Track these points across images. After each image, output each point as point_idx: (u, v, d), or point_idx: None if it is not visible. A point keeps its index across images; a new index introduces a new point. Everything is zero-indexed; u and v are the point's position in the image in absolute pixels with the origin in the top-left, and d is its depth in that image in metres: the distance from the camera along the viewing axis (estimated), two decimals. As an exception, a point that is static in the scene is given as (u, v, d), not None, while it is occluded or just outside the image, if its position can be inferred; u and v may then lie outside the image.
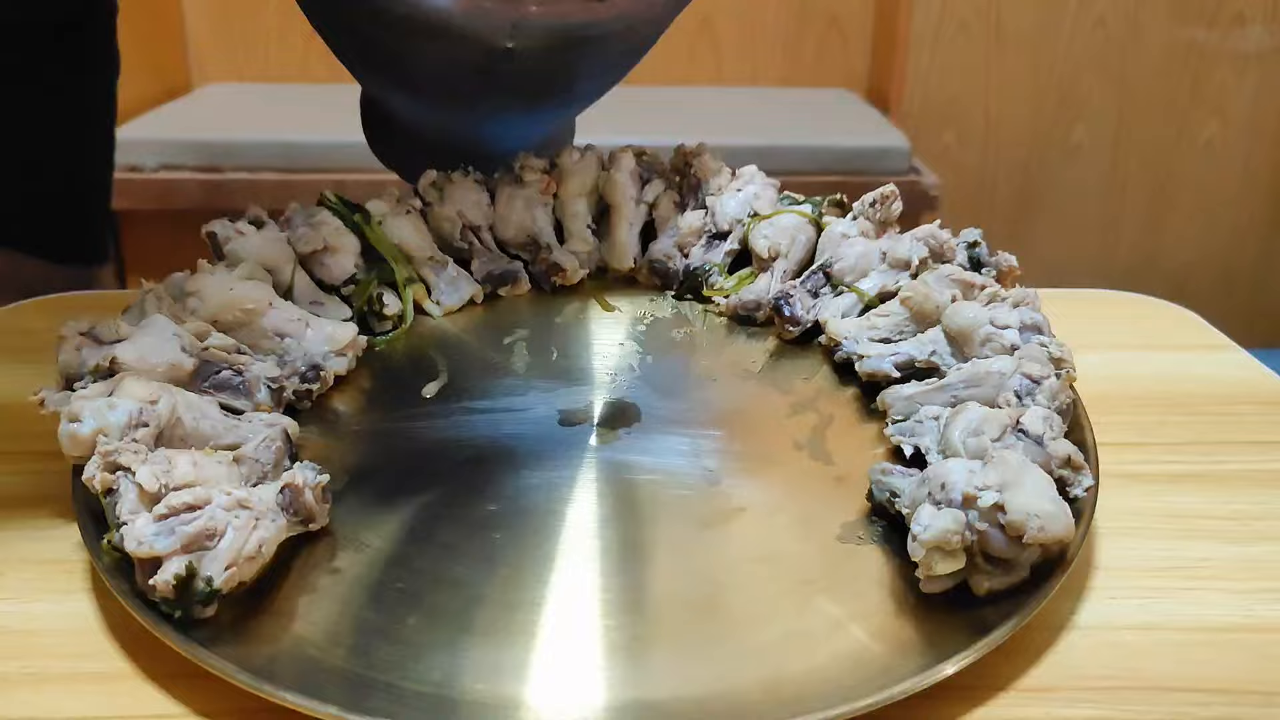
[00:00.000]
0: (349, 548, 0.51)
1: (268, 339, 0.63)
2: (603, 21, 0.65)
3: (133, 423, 0.50)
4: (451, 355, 0.67)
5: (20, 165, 1.00)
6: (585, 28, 0.65)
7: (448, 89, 0.72)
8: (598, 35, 0.66)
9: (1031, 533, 0.44)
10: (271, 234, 0.67)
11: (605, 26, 0.65)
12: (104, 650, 0.46)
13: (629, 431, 0.60)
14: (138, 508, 0.47)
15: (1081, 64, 2.47)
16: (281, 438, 0.54)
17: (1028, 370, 0.55)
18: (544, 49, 0.65)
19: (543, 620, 0.47)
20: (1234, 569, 0.52)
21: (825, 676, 0.43)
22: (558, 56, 0.67)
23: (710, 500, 0.55)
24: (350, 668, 0.44)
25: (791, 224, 0.71)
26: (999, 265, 0.66)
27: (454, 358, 0.67)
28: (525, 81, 0.70)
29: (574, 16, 0.64)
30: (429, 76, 0.71)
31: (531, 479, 0.56)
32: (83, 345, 0.55)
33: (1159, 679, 0.45)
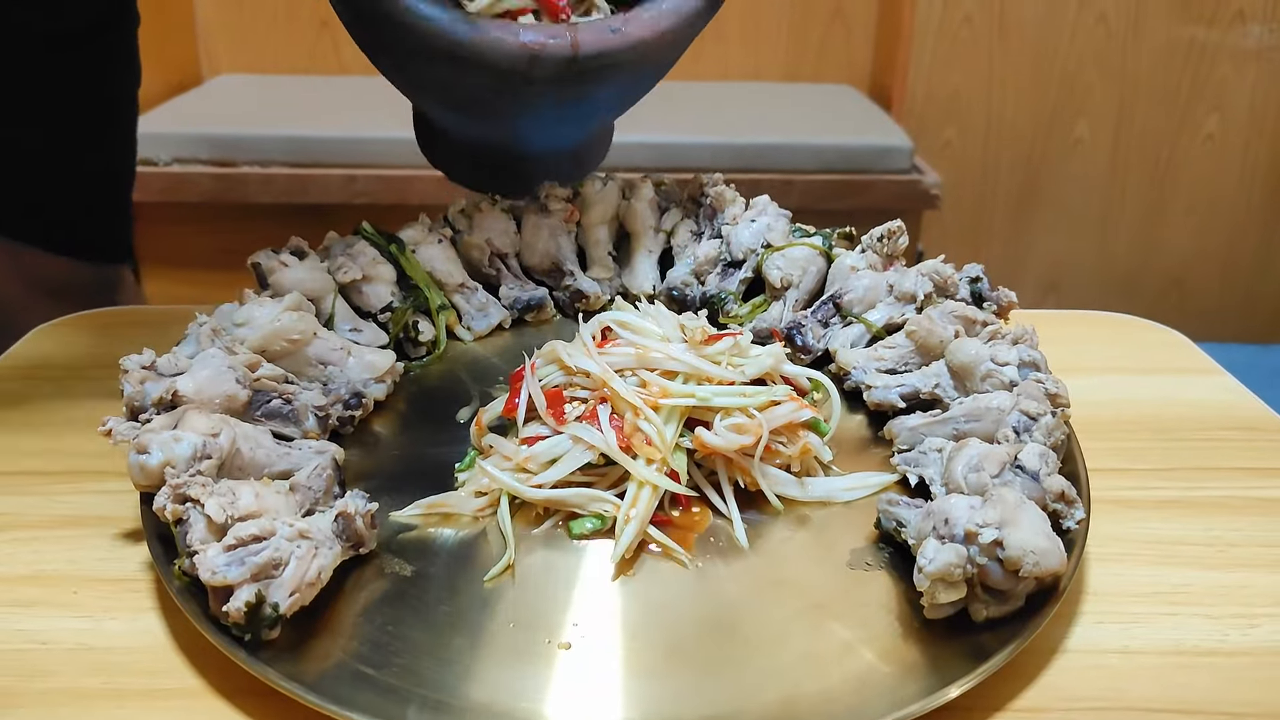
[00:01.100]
0: (394, 569, 0.56)
1: (312, 367, 0.67)
2: (617, 51, 0.68)
3: (197, 455, 0.55)
4: (482, 380, 0.72)
5: (47, 167, 1.03)
6: (600, 58, 0.67)
7: (477, 107, 0.75)
8: (613, 64, 0.69)
9: (1028, 568, 0.49)
10: (313, 264, 0.71)
11: (620, 56, 0.68)
12: (176, 667, 0.51)
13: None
14: (207, 537, 0.51)
15: (1083, 60, 2.50)
16: (331, 465, 0.59)
17: (1025, 408, 0.59)
18: (561, 77, 0.68)
19: (575, 641, 0.51)
20: (1211, 595, 0.56)
21: (837, 697, 0.48)
22: (573, 84, 0.70)
23: (726, 525, 0.59)
24: (403, 685, 0.48)
25: (803, 256, 0.75)
26: (999, 300, 0.70)
27: (484, 382, 0.71)
28: (547, 103, 0.74)
29: (589, 47, 0.67)
30: (460, 96, 0.74)
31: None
32: (145, 379, 0.59)
33: (1140, 700, 0.49)
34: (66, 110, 1.03)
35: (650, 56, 0.71)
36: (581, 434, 0.58)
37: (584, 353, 0.61)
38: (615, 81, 0.73)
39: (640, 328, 0.64)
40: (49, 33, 0.98)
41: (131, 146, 1.15)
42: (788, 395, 0.61)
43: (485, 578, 0.55)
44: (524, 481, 0.58)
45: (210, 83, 2.42)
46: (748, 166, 2.02)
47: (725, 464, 0.59)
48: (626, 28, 0.67)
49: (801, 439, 0.60)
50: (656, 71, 0.77)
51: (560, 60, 0.67)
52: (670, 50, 0.72)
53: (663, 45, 0.70)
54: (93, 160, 1.09)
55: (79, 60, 1.01)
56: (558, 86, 0.70)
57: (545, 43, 0.66)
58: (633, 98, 0.80)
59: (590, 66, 0.68)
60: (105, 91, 1.07)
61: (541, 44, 0.66)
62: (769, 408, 0.60)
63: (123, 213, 1.16)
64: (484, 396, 0.69)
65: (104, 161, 1.11)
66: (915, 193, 2.05)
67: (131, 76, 1.10)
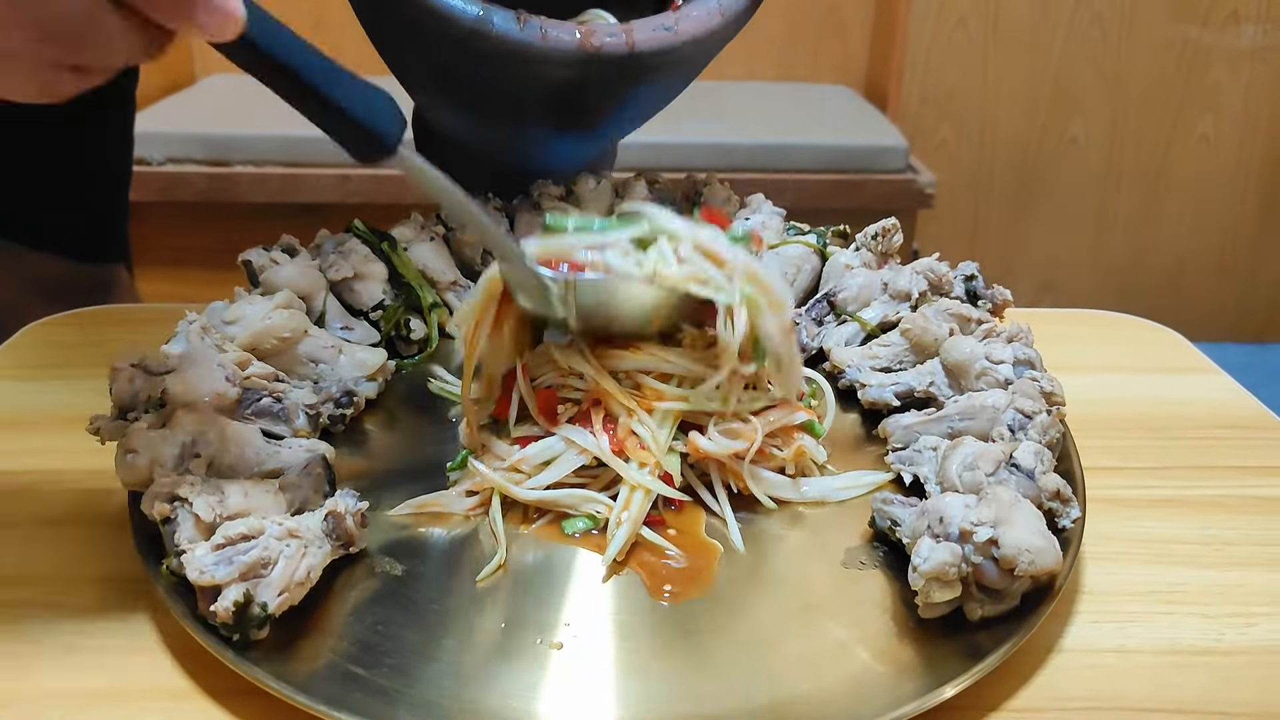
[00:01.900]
0: (385, 569, 0.55)
1: (303, 365, 0.66)
2: (672, 48, 0.68)
3: (185, 454, 0.54)
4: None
5: (42, 167, 1.03)
6: (655, 55, 0.68)
7: (516, 115, 0.75)
8: (665, 63, 0.69)
9: (1023, 566, 0.48)
10: (304, 262, 0.71)
11: (676, 54, 0.69)
12: (165, 668, 0.50)
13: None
14: (195, 536, 0.50)
15: (1078, 60, 2.50)
16: (321, 464, 0.58)
17: (1020, 406, 0.59)
18: (615, 77, 0.69)
19: (567, 641, 0.51)
20: (1206, 594, 0.56)
21: (832, 697, 0.47)
22: (627, 84, 0.71)
23: (719, 524, 0.58)
24: (394, 685, 0.48)
25: (797, 254, 0.74)
26: (994, 299, 0.70)
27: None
28: (587, 108, 0.74)
29: (645, 45, 0.67)
30: (499, 101, 0.74)
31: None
32: (134, 377, 0.59)
33: (1135, 700, 0.49)
34: (62, 109, 1.02)
35: (698, 54, 0.71)
36: (574, 437, 0.58)
37: (579, 356, 0.61)
38: (663, 80, 0.73)
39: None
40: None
41: (128, 145, 1.15)
42: (782, 399, 0.61)
43: (477, 578, 0.54)
44: (516, 482, 0.58)
45: (203, 82, 2.41)
46: (743, 166, 2.02)
47: (718, 467, 0.59)
48: (680, 26, 0.68)
49: (796, 441, 0.60)
50: (692, 73, 0.77)
51: (617, 58, 0.67)
52: (716, 47, 0.73)
53: (712, 43, 0.71)
54: (89, 159, 1.08)
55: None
56: (611, 86, 0.71)
57: (604, 41, 0.66)
58: (664, 102, 0.80)
59: (645, 65, 0.68)
60: (102, 89, 1.06)
61: (600, 43, 0.66)
62: (764, 412, 0.59)
63: (119, 212, 1.15)
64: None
65: (100, 160, 1.10)
66: (910, 192, 2.05)
67: (128, 76, 1.10)
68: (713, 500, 0.59)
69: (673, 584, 0.54)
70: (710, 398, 0.59)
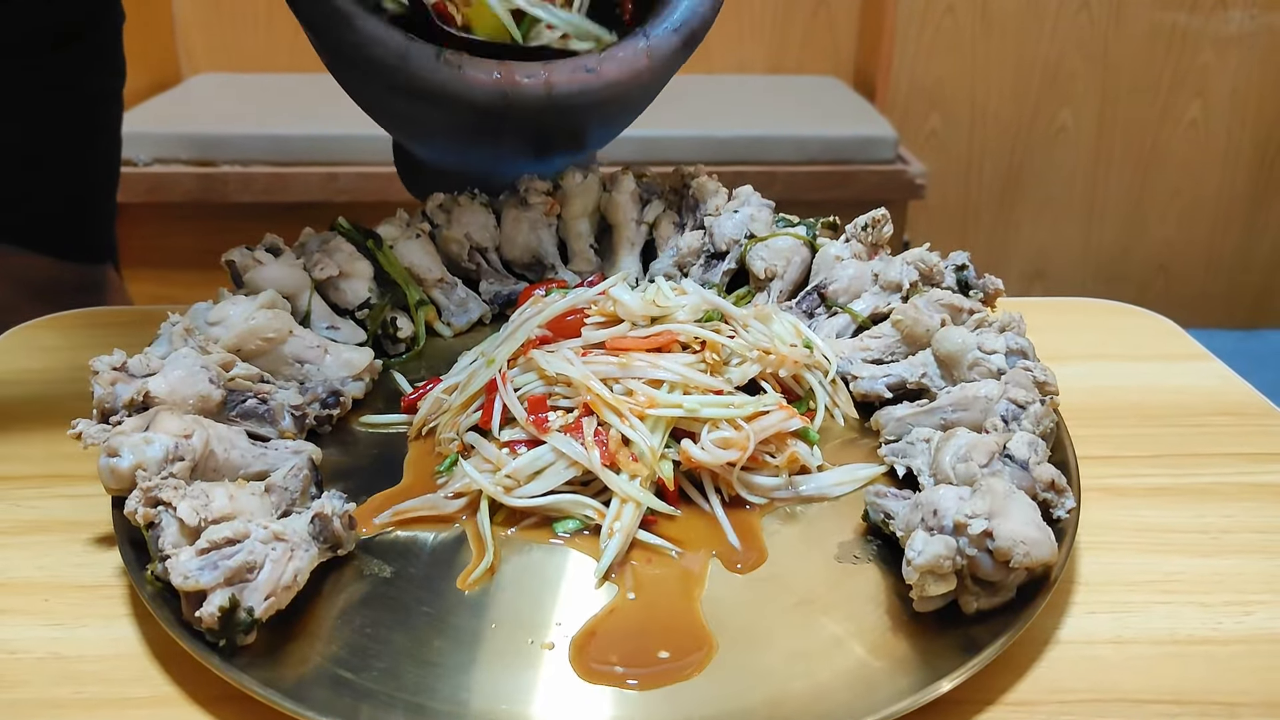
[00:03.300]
0: (373, 571, 0.54)
1: (288, 366, 0.65)
2: (593, 90, 0.68)
3: (169, 457, 0.53)
4: (463, 376, 0.70)
5: (31, 166, 1.02)
6: (574, 97, 0.68)
7: (458, 142, 0.75)
8: (587, 104, 0.69)
9: (1018, 558, 0.48)
10: (288, 261, 0.70)
11: (596, 95, 0.68)
12: (150, 675, 0.49)
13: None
14: (179, 541, 0.50)
15: (1066, 47, 2.50)
16: (308, 465, 0.57)
17: (1014, 396, 0.58)
18: (537, 113, 0.68)
19: (558, 641, 0.50)
20: (1203, 583, 0.55)
21: (827, 693, 0.47)
22: (551, 119, 0.70)
23: (713, 521, 0.58)
24: (383, 689, 0.47)
25: (787, 246, 0.74)
26: (986, 288, 0.69)
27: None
28: (525, 138, 0.74)
29: (562, 87, 0.67)
30: (441, 133, 0.74)
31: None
32: (116, 380, 0.58)
33: (1132, 692, 0.48)
34: (50, 108, 1.02)
35: (625, 96, 0.71)
36: (564, 448, 0.57)
37: (564, 360, 0.60)
38: (593, 118, 0.73)
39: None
40: (33, 31, 0.97)
41: (116, 144, 1.14)
42: (777, 404, 0.60)
43: (467, 579, 0.53)
44: (507, 489, 0.57)
45: (189, 82, 2.40)
46: (732, 159, 2.01)
47: (710, 475, 0.58)
48: (602, 67, 0.68)
49: (789, 448, 0.59)
50: (634, 108, 0.77)
51: (534, 99, 0.67)
52: (645, 90, 0.73)
53: (637, 85, 0.70)
54: (77, 159, 1.07)
55: (64, 59, 1.00)
56: (533, 123, 0.70)
57: (519, 81, 0.66)
58: (615, 130, 0.80)
59: (565, 106, 0.68)
60: (90, 89, 1.06)
61: (515, 82, 0.66)
62: (756, 418, 0.58)
63: (107, 211, 1.14)
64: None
65: (88, 160, 1.10)
66: (900, 183, 2.05)
67: (116, 75, 1.09)
68: (705, 504, 0.58)
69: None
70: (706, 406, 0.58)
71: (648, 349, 0.60)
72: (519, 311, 0.66)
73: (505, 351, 0.61)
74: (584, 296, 0.63)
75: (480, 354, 0.64)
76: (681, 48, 0.71)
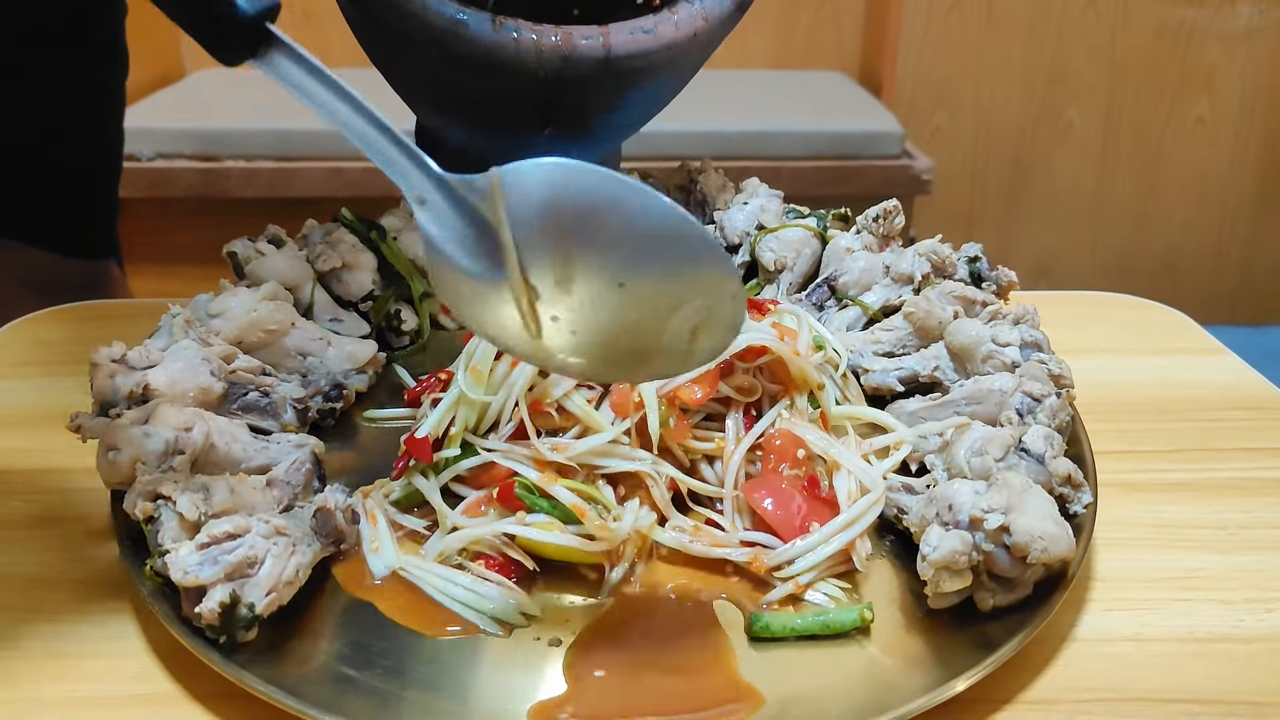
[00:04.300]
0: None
1: (291, 358, 0.64)
2: (651, 52, 0.67)
3: (169, 450, 0.52)
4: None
5: (32, 161, 1.01)
6: (633, 59, 0.66)
7: (504, 121, 0.73)
8: (645, 66, 0.67)
9: (1035, 554, 0.47)
10: (291, 253, 0.69)
11: (652, 57, 0.67)
12: (150, 672, 0.48)
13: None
14: (179, 535, 0.49)
15: (1073, 44, 2.48)
16: (310, 459, 0.56)
17: (1029, 389, 0.57)
18: (593, 80, 0.67)
19: (567, 638, 0.49)
20: (1224, 579, 0.54)
21: (840, 692, 0.46)
22: (608, 87, 0.69)
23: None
24: (388, 687, 0.46)
25: (797, 238, 0.73)
26: (999, 280, 0.68)
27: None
28: (575, 113, 0.72)
29: (622, 48, 0.66)
30: (488, 110, 0.72)
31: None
32: (115, 372, 0.57)
33: (1153, 691, 0.47)
34: (51, 101, 1.01)
35: (681, 58, 0.70)
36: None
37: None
38: (646, 86, 0.71)
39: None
40: (36, 25, 0.96)
41: (118, 139, 1.13)
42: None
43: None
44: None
45: (193, 77, 2.38)
46: (737, 154, 2.00)
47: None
48: (659, 29, 0.66)
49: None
50: (687, 73, 0.75)
51: (593, 61, 0.66)
52: (701, 52, 0.71)
53: (694, 47, 0.69)
54: (79, 153, 1.07)
55: (65, 51, 0.99)
56: (590, 89, 0.69)
57: (578, 44, 0.65)
58: (656, 107, 0.78)
59: (623, 68, 0.67)
60: (92, 83, 1.05)
61: (574, 44, 0.65)
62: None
63: (109, 206, 1.14)
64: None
65: (90, 154, 1.09)
66: (906, 178, 2.03)
67: (119, 68, 1.08)
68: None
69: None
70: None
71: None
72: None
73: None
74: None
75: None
76: (735, 10, 0.70)
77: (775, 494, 0.54)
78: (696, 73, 0.75)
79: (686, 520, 0.55)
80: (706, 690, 0.46)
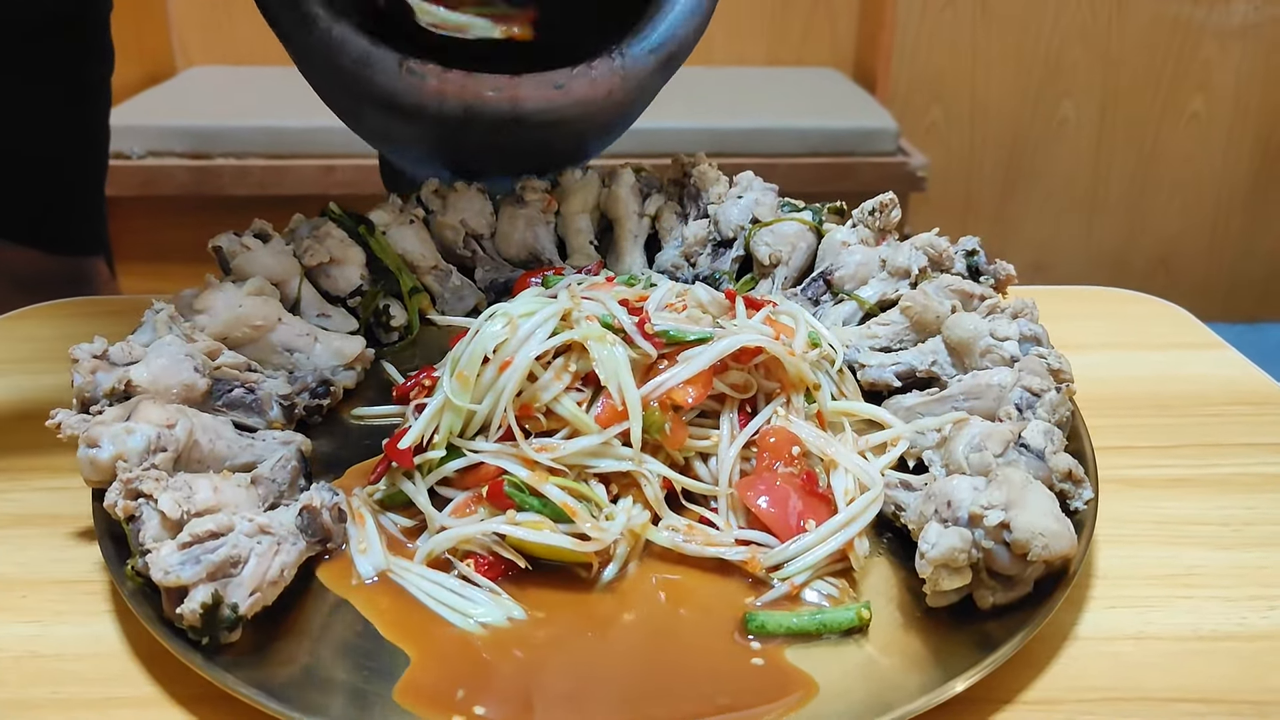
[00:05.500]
0: (366, 565, 0.52)
1: (277, 354, 0.63)
2: (560, 108, 0.66)
3: (151, 448, 0.51)
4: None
5: (15, 157, 1.00)
6: (542, 113, 0.66)
7: (434, 155, 0.74)
8: (555, 121, 0.67)
9: (1036, 551, 0.46)
10: (277, 247, 0.68)
11: (563, 112, 0.66)
12: (131, 674, 0.47)
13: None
14: (161, 534, 0.47)
15: (1067, 40, 2.47)
16: (296, 457, 0.55)
17: (1028, 384, 0.56)
18: (503, 129, 0.67)
19: (557, 639, 0.48)
20: (1226, 576, 0.53)
21: (838, 692, 0.45)
22: (523, 134, 0.68)
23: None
24: (374, 689, 0.45)
25: (792, 231, 0.72)
26: (996, 274, 0.67)
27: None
28: (490, 153, 0.72)
29: (528, 102, 0.65)
30: (409, 143, 0.73)
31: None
32: (96, 368, 0.56)
33: (1156, 690, 0.46)
34: (37, 96, 1.00)
35: (596, 115, 0.69)
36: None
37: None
38: (566, 135, 0.71)
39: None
40: (20, 20, 0.95)
41: (105, 135, 1.12)
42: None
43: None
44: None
45: (184, 74, 2.37)
46: (732, 151, 1.99)
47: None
48: (571, 84, 0.65)
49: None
50: (608, 129, 0.75)
51: (498, 114, 0.65)
52: (620, 109, 0.70)
53: (609, 104, 0.68)
54: (64, 149, 1.06)
55: (51, 47, 0.98)
56: (499, 138, 0.69)
57: (485, 95, 0.64)
58: (596, 148, 0.78)
59: (531, 122, 0.66)
60: (78, 78, 1.04)
61: (480, 96, 0.65)
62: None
63: (95, 202, 1.12)
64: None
65: (76, 151, 1.08)
66: (901, 175, 2.03)
67: (104, 63, 1.07)
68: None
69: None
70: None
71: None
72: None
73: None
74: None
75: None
76: (658, 69, 0.69)
77: (770, 492, 0.53)
78: (631, 123, 0.75)
79: (680, 519, 0.54)
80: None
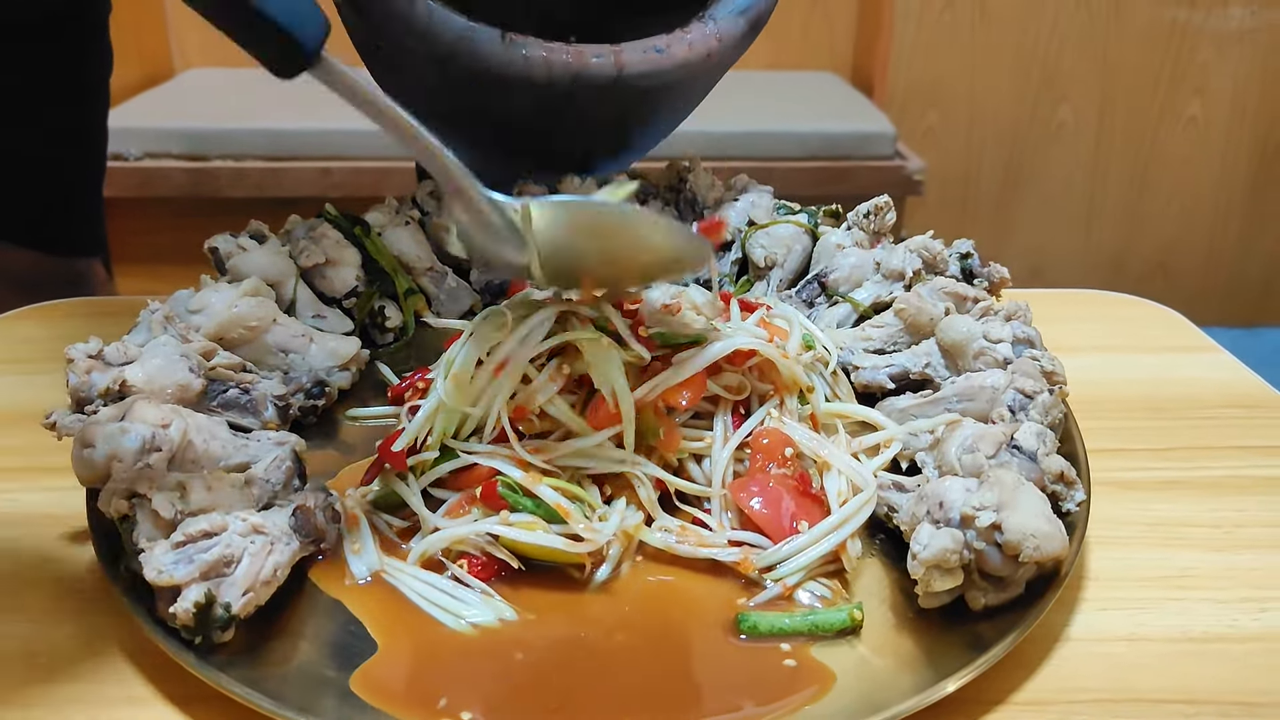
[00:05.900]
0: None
1: (272, 355, 0.63)
2: (664, 71, 0.66)
3: (146, 448, 0.51)
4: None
5: (14, 157, 1.00)
6: (645, 78, 0.66)
7: (504, 141, 0.73)
8: (657, 86, 0.67)
9: (1028, 552, 0.46)
10: (273, 248, 0.68)
11: (665, 76, 0.67)
12: (124, 674, 0.47)
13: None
14: (154, 534, 0.48)
15: (1065, 44, 2.48)
16: (291, 457, 0.55)
17: (1021, 386, 0.56)
18: (604, 98, 0.67)
19: (549, 640, 0.48)
20: (1218, 578, 0.53)
21: (830, 693, 0.45)
22: (618, 105, 0.68)
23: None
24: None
25: (788, 234, 0.72)
26: (991, 276, 0.67)
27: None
28: (584, 134, 0.71)
29: (634, 67, 0.65)
30: (489, 128, 0.72)
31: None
32: (92, 368, 0.56)
33: (1147, 691, 0.46)
34: (35, 100, 1.00)
35: (694, 79, 0.69)
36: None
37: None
38: (657, 105, 0.70)
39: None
40: (20, 20, 0.95)
41: (102, 137, 1.12)
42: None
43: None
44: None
45: (181, 76, 2.37)
46: (729, 155, 1.99)
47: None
48: (672, 49, 0.66)
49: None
50: (698, 94, 0.75)
51: (604, 79, 0.65)
52: (711, 73, 0.71)
53: (707, 68, 0.69)
54: (62, 150, 1.06)
55: (50, 50, 0.98)
56: (601, 107, 0.68)
57: (590, 62, 0.65)
58: (666, 128, 0.78)
59: (635, 86, 0.66)
60: (77, 79, 1.04)
61: (585, 63, 0.64)
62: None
63: (93, 203, 1.12)
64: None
65: (74, 152, 1.08)
66: (898, 179, 2.03)
67: (102, 65, 1.07)
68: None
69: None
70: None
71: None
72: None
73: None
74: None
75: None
76: (748, 31, 0.70)
77: (763, 493, 0.53)
78: (706, 95, 0.75)
79: (673, 520, 0.54)
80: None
